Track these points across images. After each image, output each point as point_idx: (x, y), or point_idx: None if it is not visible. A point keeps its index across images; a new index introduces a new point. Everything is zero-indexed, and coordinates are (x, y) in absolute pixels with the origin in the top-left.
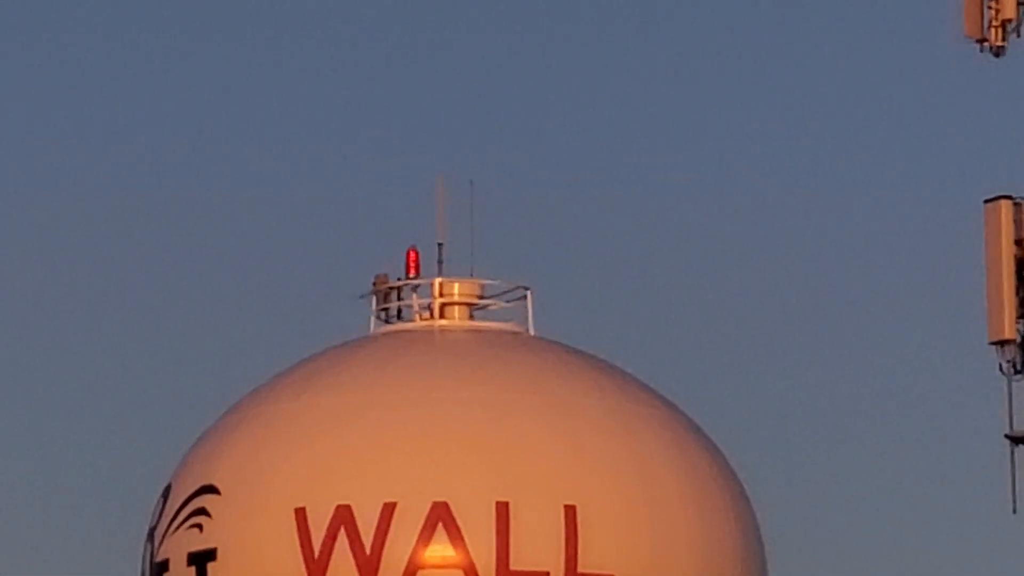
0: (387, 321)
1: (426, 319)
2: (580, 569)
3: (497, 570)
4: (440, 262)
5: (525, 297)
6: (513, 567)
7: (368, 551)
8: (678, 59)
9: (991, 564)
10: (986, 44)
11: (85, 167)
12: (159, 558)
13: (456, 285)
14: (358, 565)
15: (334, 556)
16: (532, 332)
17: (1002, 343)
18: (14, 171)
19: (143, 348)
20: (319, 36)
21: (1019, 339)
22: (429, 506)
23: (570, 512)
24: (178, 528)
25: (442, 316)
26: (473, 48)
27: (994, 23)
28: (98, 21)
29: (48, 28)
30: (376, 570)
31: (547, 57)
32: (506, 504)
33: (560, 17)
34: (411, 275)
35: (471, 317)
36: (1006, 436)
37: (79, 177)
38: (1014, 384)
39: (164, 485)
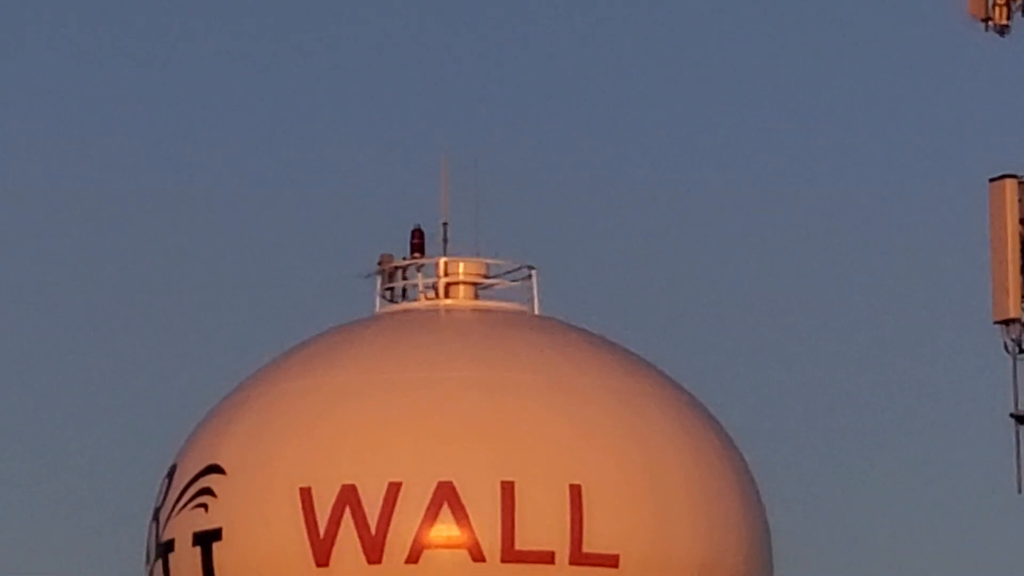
0: (392, 301)
1: (431, 299)
2: (585, 549)
3: (502, 550)
4: (445, 241)
5: (530, 276)
6: (518, 547)
7: (373, 531)
8: (680, 38)
9: (996, 543)
10: (991, 23)
11: (90, 145)
12: (164, 538)
13: (461, 264)
14: (363, 545)
15: (339, 536)
16: (537, 311)
17: (1007, 322)
18: (13, 162)
19: (148, 328)
20: (323, 17)
21: None
22: (434, 486)
23: (575, 492)
24: (183, 508)
25: (447, 296)
26: (477, 28)
27: (999, 1)
28: (97, 13)
29: (47, 26)
30: (381, 550)
31: (550, 36)
32: (511, 484)
33: None
34: (416, 255)
35: (476, 297)
36: (1011, 415)
37: (86, 154)
38: (1019, 363)
39: (169, 465)
